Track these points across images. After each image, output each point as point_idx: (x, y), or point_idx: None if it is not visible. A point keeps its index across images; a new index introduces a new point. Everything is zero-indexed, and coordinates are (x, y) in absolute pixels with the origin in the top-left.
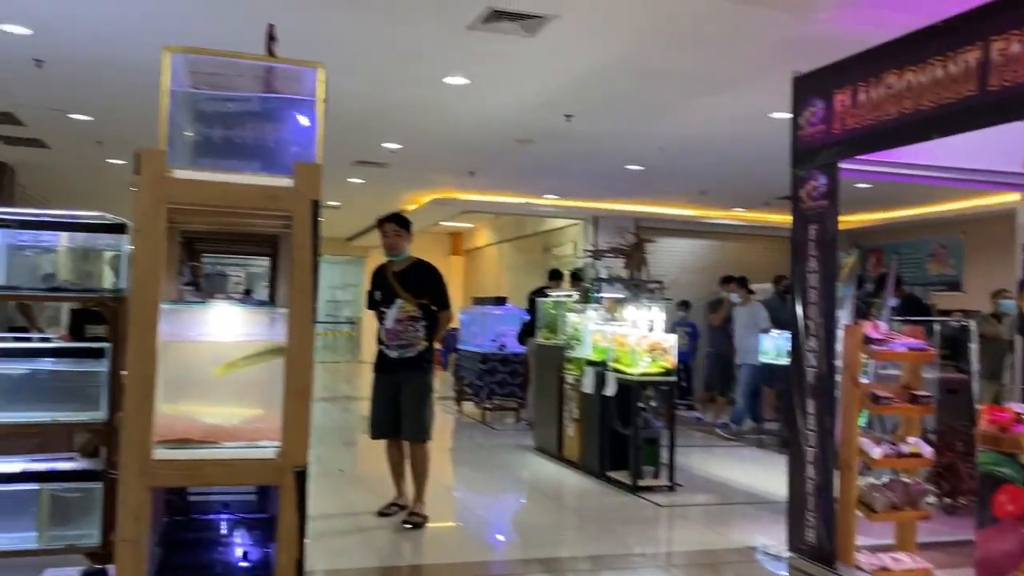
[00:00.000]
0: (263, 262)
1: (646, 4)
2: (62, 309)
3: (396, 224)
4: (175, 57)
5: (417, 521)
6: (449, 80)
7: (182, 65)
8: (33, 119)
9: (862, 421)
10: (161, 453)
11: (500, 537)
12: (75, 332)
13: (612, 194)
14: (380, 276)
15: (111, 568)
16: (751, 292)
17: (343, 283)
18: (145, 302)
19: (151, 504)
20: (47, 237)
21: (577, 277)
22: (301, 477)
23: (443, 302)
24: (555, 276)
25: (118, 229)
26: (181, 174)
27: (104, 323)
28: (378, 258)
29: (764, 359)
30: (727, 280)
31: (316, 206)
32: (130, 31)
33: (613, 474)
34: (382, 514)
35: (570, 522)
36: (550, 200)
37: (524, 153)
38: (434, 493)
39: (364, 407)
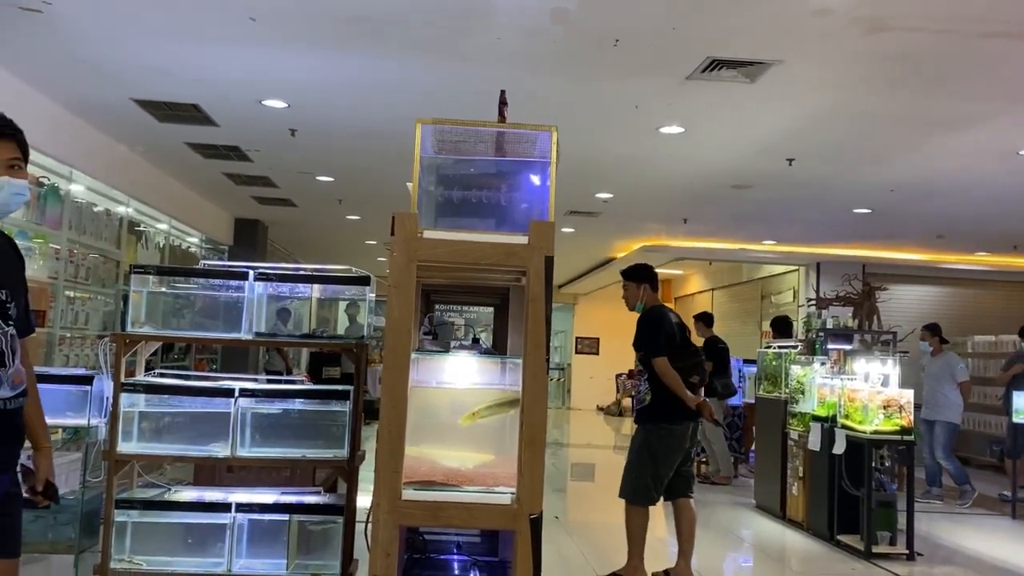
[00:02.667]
0: (477, 310)
1: (878, 43)
2: (302, 352)
3: (623, 278)
4: (424, 127)
5: None
6: (665, 130)
7: (429, 134)
8: (285, 181)
9: None
10: (408, 493)
11: None
12: (314, 373)
13: (836, 239)
14: None
15: None
16: (944, 341)
17: (552, 330)
18: (398, 351)
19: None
20: (301, 289)
21: (781, 326)
22: (536, 524)
23: (648, 348)
24: (704, 319)
25: (363, 281)
26: (430, 234)
27: (338, 365)
28: (585, 305)
29: (1017, 419)
30: (927, 328)
31: (550, 261)
32: (372, 101)
33: (843, 538)
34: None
35: None
36: (768, 246)
37: (740, 199)
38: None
39: (573, 453)
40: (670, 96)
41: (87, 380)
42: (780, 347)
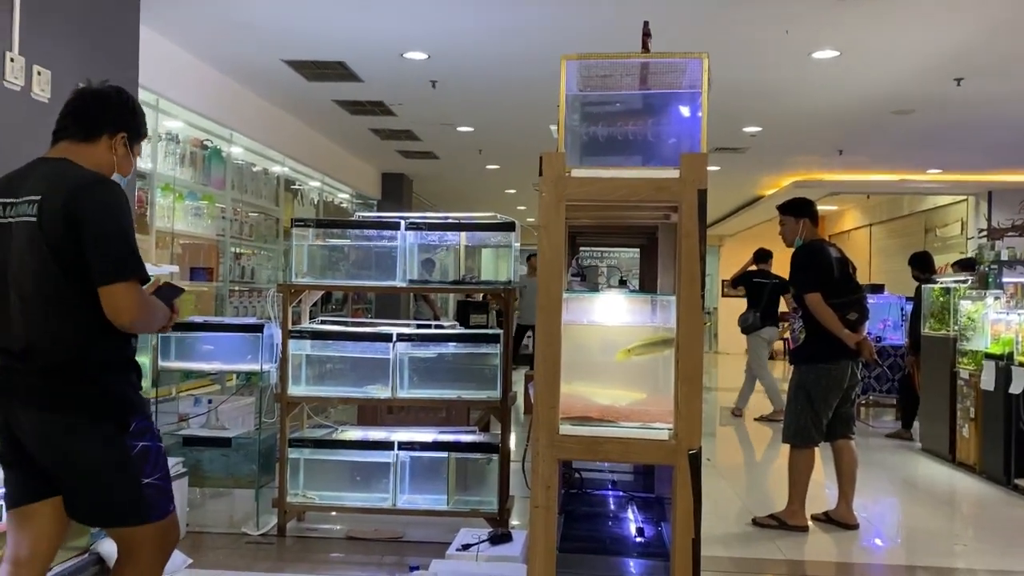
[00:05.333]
0: (618, 255)
1: None
2: (449, 301)
3: (781, 212)
4: (569, 64)
5: (765, 522)
6: (818, 55)
7: (574, 70)
8: (427, 134)
9: None
10: (566, 429)
11: (878, 542)
12: (461, 320)
13: (1010, 164)
14: None
15: (515, 532)
16: None
17: None
18: (550, 291)
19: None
20: (449, 237)
21: (920, 262)
22: (695, 460)
23: (800, 285)
24: (763, 258)
25: (508, 227)
26: (578, 173)
27: (485, 312)
28: (732, 247)
29: None
30: None
31: (703, 195)
32: (510, 46)
33: (1021, 482)
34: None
35: (967, 532)
36: (932, 175)
37: (901, 125)
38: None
39: (722, 397)
40: (823, 17)
41: (258, 328)
42: (951, 282)
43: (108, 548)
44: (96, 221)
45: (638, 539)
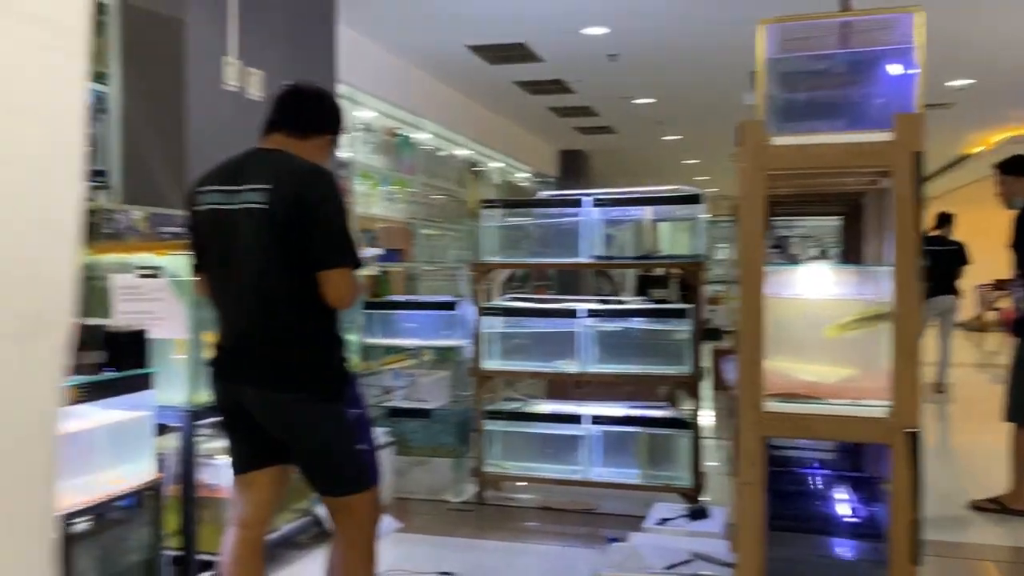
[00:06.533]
0: (809, 224)
1: None
2: (626, 277)
3: (999, 171)
4: (767, 28)
5: (985, 506)
6: None
7: (771, 34)
8: (605, 109)
9: None
10: (771, 405)
11: None
12: (642, 295)
13: None
14: None
15: (711, 508)
16: None
17: None
18: (752, 263)
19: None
20: (632, 211)
21: None
22: (914, 438)
23: (1020, 250)
24: (943, 222)
25: (694, 199)
26: (779, 141)
27: (665, 287)
28: (933, 211)
29: None
30: None
31: (919, 158)
32: (694, 15)
33: None
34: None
35: None
36: None
37: None
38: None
39: (929, 372)
40: None
41: (452, 306)
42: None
43: (325, 511)
44: (324, 209)
45: (849, 519)
